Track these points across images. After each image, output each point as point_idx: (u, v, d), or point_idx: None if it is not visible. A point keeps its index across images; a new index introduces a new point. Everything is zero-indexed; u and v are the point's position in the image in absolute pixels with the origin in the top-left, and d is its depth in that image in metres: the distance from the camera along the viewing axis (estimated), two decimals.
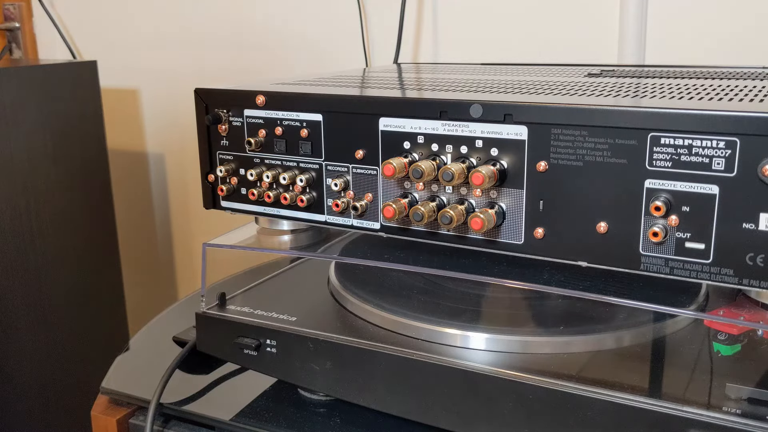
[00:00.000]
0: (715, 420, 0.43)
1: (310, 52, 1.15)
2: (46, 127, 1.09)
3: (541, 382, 0.47)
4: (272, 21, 1.17)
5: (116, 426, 0.63)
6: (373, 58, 1.10)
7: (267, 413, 0.59)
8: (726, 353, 0.51)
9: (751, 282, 0.45)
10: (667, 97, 0.53)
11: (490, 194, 0.52)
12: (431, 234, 0.55)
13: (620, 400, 0.45)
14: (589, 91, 0.57)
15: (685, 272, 0.47)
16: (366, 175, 0.57)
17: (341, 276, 0.64)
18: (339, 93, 0.59)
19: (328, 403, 0.60)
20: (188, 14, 1.25)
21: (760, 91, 0.55)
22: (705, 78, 0.66)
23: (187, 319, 0.63)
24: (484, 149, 0.51)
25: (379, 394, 0.53)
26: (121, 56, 1.32)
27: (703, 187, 0.45)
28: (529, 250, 0.52)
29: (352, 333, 0.55)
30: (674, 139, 0.45)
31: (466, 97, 0.53)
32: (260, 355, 0.58)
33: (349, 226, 0.58)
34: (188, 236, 1.37)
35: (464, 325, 0.54)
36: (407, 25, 1.05)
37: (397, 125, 0.54)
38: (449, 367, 0.50)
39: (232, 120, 0.62)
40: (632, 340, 0.53)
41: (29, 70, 1.08)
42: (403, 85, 0.68)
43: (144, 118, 1.35)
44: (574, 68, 0.81)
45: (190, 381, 0.64)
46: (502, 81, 0.65)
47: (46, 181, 1.09)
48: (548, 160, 0.49)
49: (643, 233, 0.47)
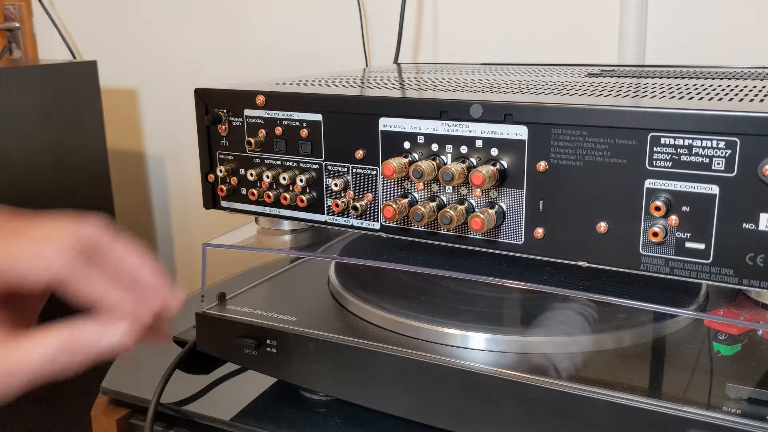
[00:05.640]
0: (715, 420, 0.43)
1: (310, 52, 1.15)
2: (46, 127, 1.09)
3: (541, 382, 0.47)
4: (272, 21, 1.17)
5: (116, 426, 0.63)
6: (373, 58, 1.10)
7: (267, 413, 0.59)
8: (726, 353, 0.51)
9: (751, 282, 0.45)
10: (667, 97, 0.53)
11: (490, 194, 0.52)
12: (431, 234, 0.55)
13: (620, 400, 0.45)
14: (589, 91, 0.57)
15: (685, 272, 0.47)
16: (366, 175, 0.57)
17: (341, 276, 0.64)
18: (339, 93, 0.59)
19: (328, 403, 0.60)
20: (188, 15, 1.25)
21: (760, 91, 0.55)
22: (705, 78, 0.66)
23: (187, 319, 0.63)
24: (484, 149, 0.51)
25: (379, 394, 0.53)
26: (121, 56, 1.32)
27: (703, 187, 0.45)
28: (529, 250, 0.52)
29: (352, 333, 0.55)
30: (674, 139, 0.45)
31: (466, 97, 0.53)
32: (260, 355, 0.58)
33: (349, 226, 0.58)
34: (188, 236, 1.37)
35: (464, 325, 0.54)
36: (407, 25, 1.05)
37: (397, 125, 0.54)
38: (449, 367, 0.50)
39: (232, 120, 0.62)
40: (632, 340, 0.53)
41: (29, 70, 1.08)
42: (403, 85, 0.68)
43: (144, 118, 1.35)
44: (574, 68, 0.81)
45: (190, 381, 0.64)
46: (502, 81, 0.65)
47: (46, 181, 1.09)
48: (548, 160, 0.49)
49: (643, 233, 0.47)
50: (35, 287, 0.36)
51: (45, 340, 0.36)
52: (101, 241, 0.38)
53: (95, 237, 0.38)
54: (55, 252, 0.36)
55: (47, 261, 0.35)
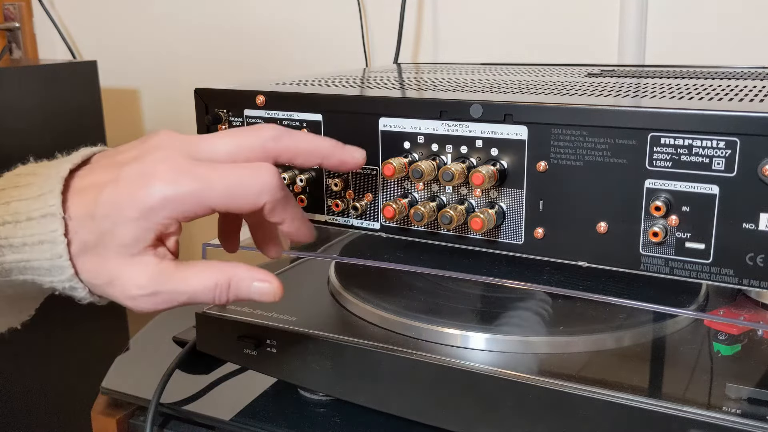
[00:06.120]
0: (715, 420, 0.43)
1: (310, 52, 1.15)
2: (46, 127, 1.09)
3: (541, 382, 0.47)
4: (272, 21, 1.17)
5: (116, 426, 0.63)
6: (373, 58, 1.10)
7: (267, 413, 0.59)
8: (726, 353, 0.51)
9: (751, 282, 0.45)
10: (667, 97, 0.53)
11: (490, 194, 0.52)
12: (431, 234, 0.55)
13: (620, 400, 0.45)
14: (589, 91, 0.57)
15: (685, 272, 0.47)
16: (366, 175, 0.57)
17: (341, 276, 0.64)
18: (339, 93, 0.59)
19: (328, 403, 0.60)
20: (188, 15, 1.25)
21: (760, 91, 0.55)
22: (705, 78, 0.66)
23: (187, 319, 0.63)
24: (484, 149, 0.51)
25: (379, 394, 0.53)
26: (121, 56, 1.32)
27: (703, 187, 0.45)
28: (529, 250, 0.52)
29: (352, 333, 0.55)
30: (674, 139, 0.45)
31: (466, 97, 0.53)
32: (260, 355, 0.58)
33: (349, 226, 0.58)
34: (188, 236, 1.37)
35: (464, 325, 0.54)
36: (407, 25, 1.05)
37: (397, 125, 0.54)
38: (449, 367, 0.50)
39: (232, 120, 0.62)
40: (632, 340, 0.53)
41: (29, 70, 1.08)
42: (403, 85, 0.68)
43: (144, 118, 1.35)
44: (574, 68, 0.81)
45: (190, 381, 0.64)
46: (502, 81, 0.65)
47: None
48: (548, 160, 0.49)
49: (643, 233, 0.47)
50: (251, 210, 0.41)
51: (205, 273, 0.42)
52: (284, 144, 0.43)
53: (279, 143, 0.43)
54: (268, 176, 0.41)
55: (263, 186, 0.40)
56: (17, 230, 0.40)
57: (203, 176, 0.40)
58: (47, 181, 0.40)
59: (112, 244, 0.40)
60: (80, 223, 0.40)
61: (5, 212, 0.40)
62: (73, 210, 0.40)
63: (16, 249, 0.40)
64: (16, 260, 0.40)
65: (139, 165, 0.40)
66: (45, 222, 0.39)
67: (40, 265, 0.40)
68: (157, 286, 0.41)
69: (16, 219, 0.40)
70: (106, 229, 0.39)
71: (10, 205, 0.40)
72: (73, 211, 0.40)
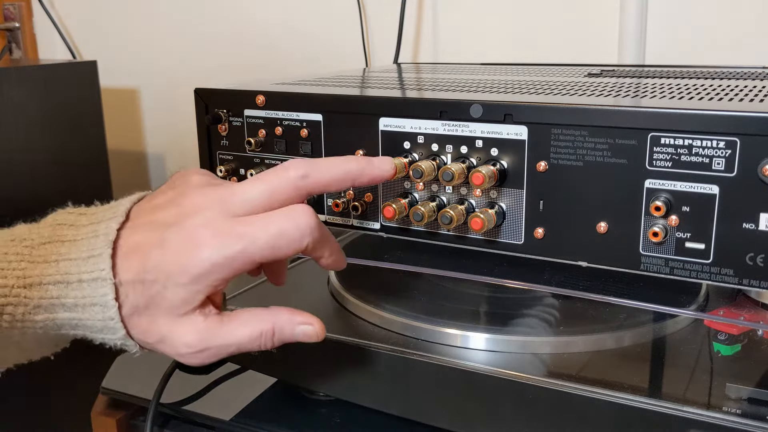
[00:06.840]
0: (715, 420, 0.43)
1: (310, 52, 1.15)
2: (46, 127, 1.09)
3: (541, 382, 0.47)
4: (272, 21, 1.17)
5: (116, 426, 0.63)
6: (373, 58, 1.10)
7: (267, 413, 0.59)
8: (726, 353, 0.51)
9: (751, 282, 0.45)
10: (667, 97, 0.53)
11: (490, 194, 0.52)
12: (431, 234, 0.55)
13: (620, 400, 0.45)
14: (589, 91, 0.57)
15: (685, 272, 0.47)
16: None
17: (341, 276, 0.64)
18: (339, 93, 0.59)
19: (328, 403, 0.60)
20: (188, 15, 1.25)
21: (760, 91, 0.55)
22: (705, 78, 0.66)
23: None
24: (484, 149, 0.51)
25: (379, 394, 0.53)
26: (121, 56, 1.32)
27: (703, 187, 0.45)
28: (529, 250, 0.52)
29: (352, 333, 0.55)
30: (674, 139, 0.45)
31: (466, 97, 0.53)
32: (260, 355, 0.58)
33: (349, 226, 0.58)
34: None
35: (464, 325, 0.54)
36: (407, 25, 1.05)
37: (397, 125, 0.54)
38: (449, 367, 0.50)
39: (232, 120, 0.62)
40: (632, 340, 0.53)
41: (29, 70, 1.08)
42: (403, 85, 0.68)
43: (144, 118, 1.35)
44: (574, 68, 0.81)
45: (190, 381, 0.64)
46: (502, 81, 0.65)
47: (46, 181, 1.09)
48: (548, 160, 0.49)
49: (643, 233, 0.47)
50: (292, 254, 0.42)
51: (250, 324, 0.43)
52: (313, 179, 0.44)
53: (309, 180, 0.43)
54: (305, 218, 0.41)
55: (303, 230, 0.41)
56: (69, 291, 0.40)
57: (245, 234, 0.40)
58: (95, 241, 0.41)
59: (162, 307, 0.41)
60: (130, 287, 0.41)
61: (55, 271, 0.41)
62: (123, 275, 0.41)
63: (69, 308, 0.41)
64: (69, 318, 0.41)
65: (182, 231, 0.41)
66: (96, 285, 0.40)
67: (93, 324, 0.41)
68: (205, 343, 0.42)
69: (67, 280, 0.41)
70: (156, 292, 0.41)
71: (59, 264, 0.41)
72: (123, 276, 0.41)
